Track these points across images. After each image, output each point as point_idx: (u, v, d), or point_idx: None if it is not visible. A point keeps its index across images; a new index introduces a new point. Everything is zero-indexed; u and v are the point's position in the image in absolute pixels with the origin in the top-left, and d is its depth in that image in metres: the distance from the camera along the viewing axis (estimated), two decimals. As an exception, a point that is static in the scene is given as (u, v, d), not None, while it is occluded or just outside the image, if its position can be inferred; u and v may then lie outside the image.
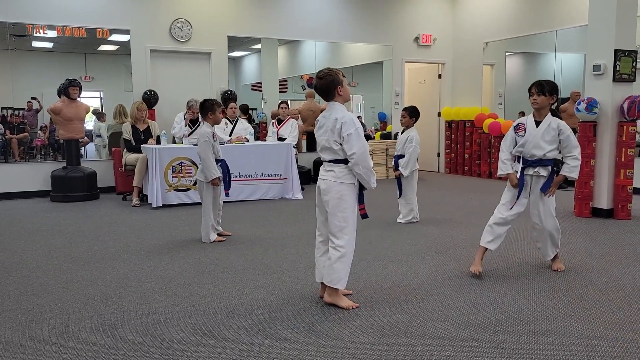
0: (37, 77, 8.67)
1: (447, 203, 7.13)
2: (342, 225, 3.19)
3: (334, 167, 3.21)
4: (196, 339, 2.82)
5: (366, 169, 3.15)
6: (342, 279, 3.22)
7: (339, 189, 3.19)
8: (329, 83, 3.18)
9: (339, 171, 3.20)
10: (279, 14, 9.47)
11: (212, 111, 4.94)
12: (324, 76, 3.19)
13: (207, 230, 4.97)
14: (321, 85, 3.20)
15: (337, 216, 3.19)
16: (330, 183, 3.21)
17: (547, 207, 3.95)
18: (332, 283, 3.21)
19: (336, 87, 3.18)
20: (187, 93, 8.46)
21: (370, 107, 12.19)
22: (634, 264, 4.22)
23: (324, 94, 3.23)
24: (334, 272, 3.20)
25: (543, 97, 3.85)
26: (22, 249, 4.85)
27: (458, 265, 4.19)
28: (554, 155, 3.92)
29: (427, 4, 10.72)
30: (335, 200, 3.19)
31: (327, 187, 3.22)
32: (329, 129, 3.18)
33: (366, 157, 3.13)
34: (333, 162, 3.21)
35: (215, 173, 4.93)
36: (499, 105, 10.40)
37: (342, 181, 3.19)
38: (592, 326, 2.96)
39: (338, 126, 3.12)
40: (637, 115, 5.91)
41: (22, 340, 2.82)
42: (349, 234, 3.21)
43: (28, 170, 8.02)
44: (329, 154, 3.21)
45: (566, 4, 8.79)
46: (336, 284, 3.21)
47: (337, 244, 3.20)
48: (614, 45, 5.90)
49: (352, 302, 3.26)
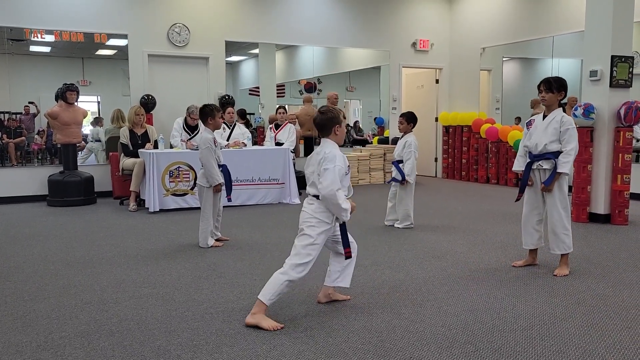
0: (34, 82, 8.65)
1: (444, 208, 7.13)
2: (301, 252, 3.10)
3: (315, 202, 3.16)
4: (193, 345, 2.81)
5: (335, 206, 3.07)
6: (270, 295, 3.05)
7: (311, 222, 3.13)
8: (328, 119, 3.19)
9: (317, 207, 3.14)
10: (277, 19, 9.49)
11: (212, 116, 4.91)
12: (325, 112, 3.23)
13: (206, 235, 4.96)
14: (321, 120, 3.21)
15: (301, 242, 3.13)
16: (306, 215, 3.16)
17: (552, 202, 4.06)
18: (261, 295, 3.07)
19: (334, 126, 3.19)
20: (185, 98, 8.47)
21: (368, 112, 12.21)
22: (631, 269, 4.22)
23: (321, 129, 3.23)
24: (270, 284, 3.08)
25: (551, 94, 3.99)
26: (19, 253, 4.83)
27: (455, 270, 4.19)
28: (555, 148, 3.99)
29: (425, 10, 10.76)
30: (306, 228, 3.13)
31: (302, 217, 3.19)
32: (315, 163, 3.16)
33: (333, 194, 3.02)
34: (315, 197, 3.15)
35: (218, 179, 4.92)
36: (496, 110, 10.43)
37: (318, 217, 3.12)
38: (589, 332, 2.96)
39: (320, 158, 3.11)
40: (633, 120, 5.94)
41: (19, 346, 2.81)
42: (301, 264, 3.08)
43: (25, 175, 8.00)
44: (313, 188, 3.17)
45: (563, 10, 8.83)
46: (263, 297, 3.05)
47: (288, 262, 3.10)
48: (611, 51, 5.93)
49: (275, 322, 3.05)
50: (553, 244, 4.13)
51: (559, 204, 4.05)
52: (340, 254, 3.35)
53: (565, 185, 4.07)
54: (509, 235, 5.39)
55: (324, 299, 3.44)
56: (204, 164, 4.90)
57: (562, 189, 4.05)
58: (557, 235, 4.09)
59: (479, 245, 5.02)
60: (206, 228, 4.96)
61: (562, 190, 4.05)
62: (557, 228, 4.07)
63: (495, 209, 6.99)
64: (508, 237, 5.30)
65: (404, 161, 5.79)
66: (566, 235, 4.08)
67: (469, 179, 10.27)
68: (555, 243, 4.12)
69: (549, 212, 4.11)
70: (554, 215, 4.07)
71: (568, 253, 4.12)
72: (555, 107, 4.05)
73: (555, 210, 4.06)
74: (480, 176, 10.03)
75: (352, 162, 9.69)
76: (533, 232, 4.23)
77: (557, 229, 4.07)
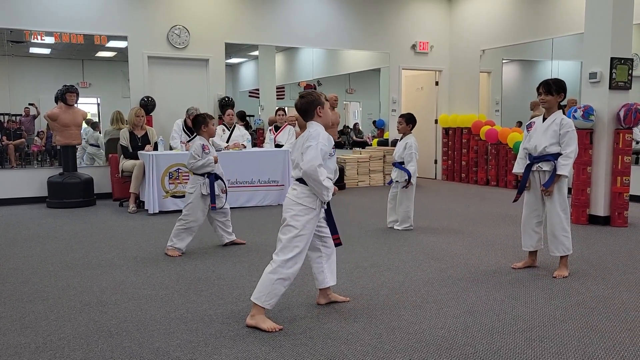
0: (34, 83, 8.67)
1: (444, 210, 7.13)
2: (287, 246, 3.03)
3: (298, 186, 3.09)
4: (192, 346, 2.80)
5: (316, 182, 2.98)
6: (265, 297, 3.00)
7: (295, 209, 3.06)
8: (309, 103, 3.16)
9: (300, 191, 3.07)
10: (277, 21, 9.50)
11: (204, 124, 4.79)
12: (304, 95, 3.20)
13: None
14: (301, 104, 3.18)
15: (285, 234, 3.06)
16: (289, 201, 3.10)
17: (552, 204, 4.07)
18: (255, 297, 3.02)
19: (315, 108, 3.14)
20: (185, 99, 8.47)
21: (368, 114, 12.21)
22: (630, 271, 4.22)
23: (303, 114, 3.19)
24: (261, 285, 3.03)
25: (550, 97, 4.00)
26: (18, 255, 4.83)
27: (455, 272, 4.18)
28: (555, 150, 3.99)
29: (425, 12, 10.77)
30: (289, 218, 3.06)
31: (285, 204, 3.13)
32: (300, 145, 3.10)
33: (314, 170, 2.94)
34: (298, 180, 3.09)
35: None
36: (495, 112, 10.43)
37: (300, 202, 3.05)
38: (589, 333, 2.96)
39: (305, 139, 3.07)
40: (633, 122, 5.94)
41: (17, 347, 2.80)
42: (290, 259, 3.02)
43: (24, 177, 7.99)
44: (297, 171, 3.10)
45: (563, 12, 8.84)
46: (257, 300, 3.01)
47: (275, 259, 3.05)
48: (610, 53, 5.93)
49: (274, 324, 3.02)
50: (552, 245, 4.13)
51: (558, 206, 4.05)
52: (317, 249, 3.29)
53: (564, 187, 4.07)
54: (509, 237, 5.39)
55: (324, 300, 3.43)
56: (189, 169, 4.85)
57: (561, 192, 4.06)
58: (556, 237, 4.09)
59: (478, 247, 5.02)
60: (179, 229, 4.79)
61: (561, 193, 4.06)
62: (556, 230, 4.08)
63: (495, 211, 6.98)
64: (507, 239, 5.30)
65: (405, 163, 5.78)
66: (565, 237, 4.08)
67: (469, 181, 10.26)
68: (554, 245, 4.12)
69: (549, 214, 4.11)
70: (553, 217, 4.08)
71: (567, 255, 4.12)
72: (555, 109, 4.06)
73: (554, 213, 4.07)
74: (480, 178, 10.03)
75: (351, 164, 9.71)
76: (532, 234, 4.24)
77: (557, 231, 4.07)
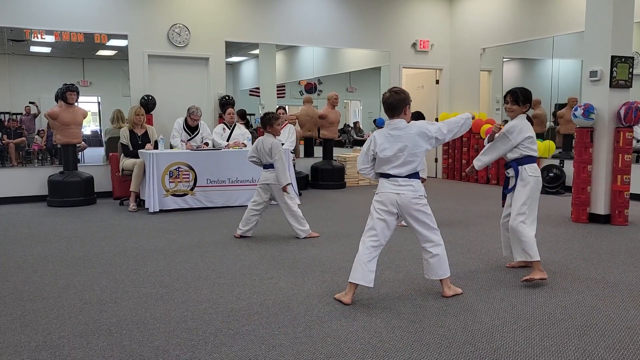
0: (34, 82, 8.66)
1: (444, 209, 7.13)
2: (433, 227, 3.45)
3: (411, 182, 3.34)
4: (192, 345, 2.81)
5: (460, 127, 3.54)
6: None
7: (424, 202, 3.39)
8: (401, 100, 3.33)
9: (417, 185, 3.37)
10: (277, 20, 9.49)
11: (269, 125, 5.30)
12: (398, 92, 3.34)
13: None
14: (394, 99, 3.34)
15: (430, 223, 3.43)
16: (411, 196, 3.35)
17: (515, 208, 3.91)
18: (442, 273, 3.50)
19: (405, 106, 3.37)
20: (185, 98, 8.47)
21: (368, 113, 12.21)
22: (631, 269, 4.22)
23: (392, 108, 3.38)
24: (442, 261, 3.50)
25: (517, 106, 4.00)
26: (18, 253, 4.83)
27: (455, 270, 4.18)
28: (515, 156, 3.96)
29: (425, 10, 10.76)
30: (420, 215, 3.39)
31: (404, 203, 3.35)
32: (406, 137, 3.32)
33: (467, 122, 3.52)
34: (408, 177, 3.33)
35: (288, 179, 5.35)
36: (496, 111, 10.42)
37: (424, 194, 3.37)
38: (589, 332, 2.96)
39: (412, 130, 3.32)
40: (633, 121, 5.93)
41: (17, 346, 2.81)
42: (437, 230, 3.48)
43: (25, 175, 8.00)
44: (405, 167, 3.34)
45: (563, 11, 8.82)
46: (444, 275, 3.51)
47: (436, 240, 3.46)
48: (611, 52, 5.93)
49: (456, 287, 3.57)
50: (515, 252, 3.95)
51: (518, 213, 3.86)
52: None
53: (529, 189, 3.87)
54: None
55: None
56: (277, 167, 5.30)
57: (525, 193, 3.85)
58: (519, 244, 3.88)
59: (478, 246, 5.02)
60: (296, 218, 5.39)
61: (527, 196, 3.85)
62: (520, 237, 3.85)
63: (495, 210, 6.97)
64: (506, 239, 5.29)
65: None
66: (528, 245, 3.83)
67: (469, 179, 10.26)
68: (517, 252, 3.93)
69: (510, 219, 3.93)
70: (514, 223, 3.88)
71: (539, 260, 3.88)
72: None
73: (516, 220, 3.87)
74: (480, 177, 10.03)
75: (352, 163, 9.70)
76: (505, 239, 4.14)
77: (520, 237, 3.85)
